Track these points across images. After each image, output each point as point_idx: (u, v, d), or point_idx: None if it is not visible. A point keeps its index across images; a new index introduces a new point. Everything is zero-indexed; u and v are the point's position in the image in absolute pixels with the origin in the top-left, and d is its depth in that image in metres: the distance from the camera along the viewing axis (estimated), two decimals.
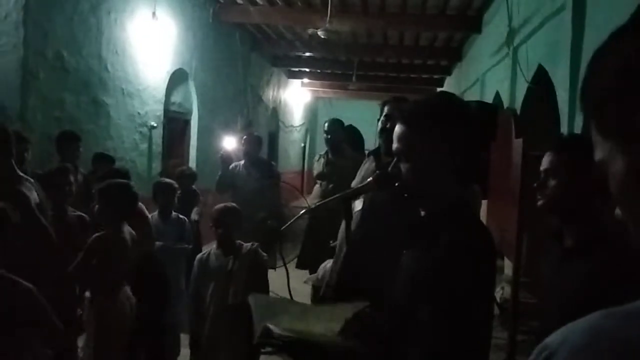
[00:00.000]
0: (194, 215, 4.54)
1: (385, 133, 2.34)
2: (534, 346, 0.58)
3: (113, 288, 2.66)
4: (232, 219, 3.05)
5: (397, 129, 1.27)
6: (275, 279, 3.49)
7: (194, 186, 4.86)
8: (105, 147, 5.32)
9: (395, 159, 1.28)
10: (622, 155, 0.53)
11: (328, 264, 2.28)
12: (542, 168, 1.63)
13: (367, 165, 2.59)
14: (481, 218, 4.98)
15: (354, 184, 2.56)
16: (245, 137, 4.92)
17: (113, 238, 2.69)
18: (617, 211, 0.57)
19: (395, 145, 1.27)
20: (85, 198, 3.66)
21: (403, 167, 1.26)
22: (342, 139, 4.63)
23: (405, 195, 1.28)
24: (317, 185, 4.69)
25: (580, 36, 3.44)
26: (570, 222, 1.57)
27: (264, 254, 3.12)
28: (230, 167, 4.88)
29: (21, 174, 2.70)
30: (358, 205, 2.22)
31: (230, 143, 4.87)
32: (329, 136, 4.58)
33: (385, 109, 2.45)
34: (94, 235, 2.69)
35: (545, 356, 0.55)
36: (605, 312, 0.55)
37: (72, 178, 3.20)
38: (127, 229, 2.79)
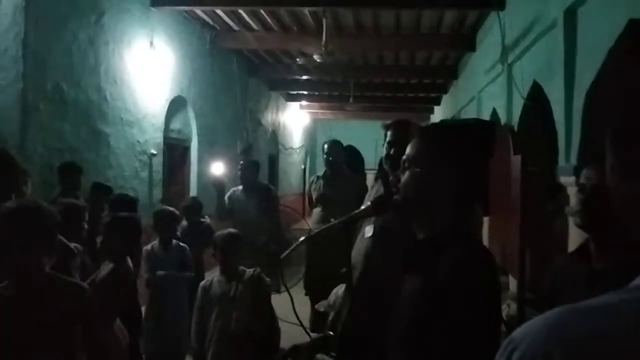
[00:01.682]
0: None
1: (390, 160, 2.28)
2: None
3: (108, 321, 2.65)
4: (234, 245, 3.05)
5: (411, 143, 1.30)
6: (281, 304, 3.47)
7: (206, 219, 4.84)
8: (106, 176, 5.34)
9: (399, 170, 1.29)
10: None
11: (340, 289, 2.24)
12: (590, 183, 1.53)
13: (376, 189, 2.55)
14: (483, 236, 4.96)
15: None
16: (242, 162, 4.90)
17: (120, 271, 2.69)
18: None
19: (405, 156, 1.29)
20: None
21: (406, 175, 1.26)
22: (343, 160, 4.58)
23: (403, 210, 1.28)
24: (318, 209, 4.57)
25: (572, 51, 3.48)
26: (610, 243, 1.47)
27: (267, 279, 3.12)
28: (229, 193, 4.85)
29: None
30: (369, 231, 2.19)
31: (218, 169, 4.83)
32: (330, 158, 4.54)
33: (388, 134, 2.35)
34: (107, 271, 2.68)
35: (510, 349, 0.60)
36: (568, 307, 0.61)
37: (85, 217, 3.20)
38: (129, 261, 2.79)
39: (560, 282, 1.68)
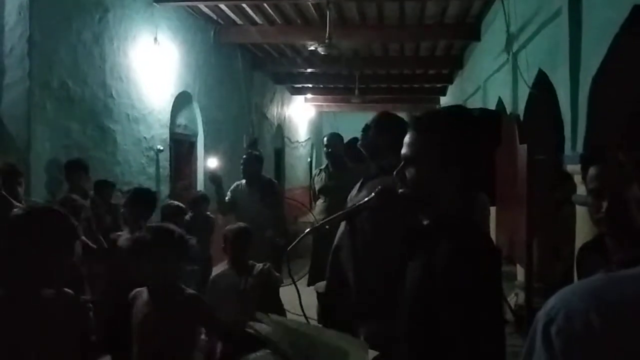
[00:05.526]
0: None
1: (364, 145, 2.45)
2: None
3: None
4: (244, 239, 3.07)
5: (407, 136, 1.30)
6: (285, 295, 3.49)
7: (208, 213, 4.91)
8: (113, 172, 5.38)
9: (401, 165, 1.30)
10: None
11: None
12: (590, 187, 1.48)
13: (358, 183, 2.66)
14: (490, 225, 4.96)
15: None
16: (244, 156, 4.92)
17: None
18: None
19: (403, 151, 1.30)
20: (94, 224, 3.71)
21: (409, 172, 1.28)
22: (343, 152, 4.65)
23: (410, 201, 1.29)
24: (321, 200, 4.69)
25: (578, 39, 3.45)
26: (629, 238, 1.39)
27: (277, 273, 3.14)
28: (233, 186, 4.88)
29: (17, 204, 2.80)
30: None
31: (213, 162, 4.95)
32: (330, 150, 4.63)
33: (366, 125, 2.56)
34: None
35: (545, 322, 0.58)
36: (603, 275, 0.60)
37: (82, 212, 3.25)
38: None
39: (581, 273, 1.65)
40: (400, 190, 1.30)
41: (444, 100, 12.78)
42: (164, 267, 2.13)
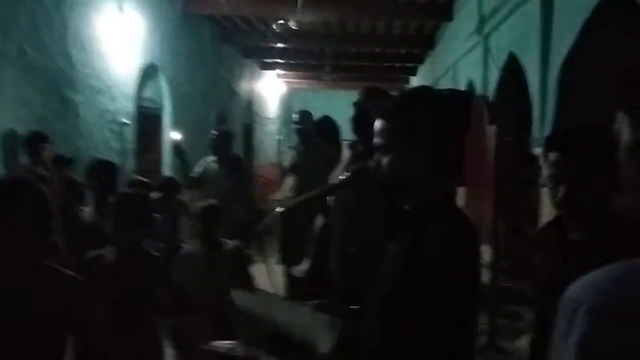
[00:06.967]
0: None
1: (354, 122, 2.33)
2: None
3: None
4: (215, 216, 3.05)
5: (377, 123, 1.30)
6: (256, 273, 3.48)
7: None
8: (76, 146, 5.20)
9: (375, 154, 1.29)
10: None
11: None
12: (547, 174, 1.54)
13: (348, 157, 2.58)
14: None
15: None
16: (215, 133, 4.83)
17: None
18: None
19: (375, 140, 1.30)
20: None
21: (383, 160, 1.28)
22: (312, 130, 4.61)
23: (387, 188, 1.29)
24: (289, 178, 4.65)
25: (549, 23, 3.48)
26: (584, 219, 1.48)
27: (248, 251, 3.13)
28: (203, 163, 4.79)
29: None
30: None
31: (176, 135, 5.00)
32: (300, 127, 4.60)
33: (357, 98, 2.49)
34: None
35: (572, 309, 0.57)
36: (630, 262, 0.59)
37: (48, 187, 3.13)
38: None
39: (540, 253, 1.71)
40: (380, 179, 1.30)
41: (415, 80, 12.82)
42: (132, 226, 2.39)
